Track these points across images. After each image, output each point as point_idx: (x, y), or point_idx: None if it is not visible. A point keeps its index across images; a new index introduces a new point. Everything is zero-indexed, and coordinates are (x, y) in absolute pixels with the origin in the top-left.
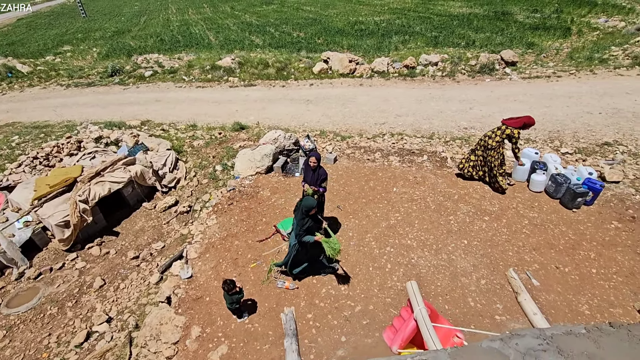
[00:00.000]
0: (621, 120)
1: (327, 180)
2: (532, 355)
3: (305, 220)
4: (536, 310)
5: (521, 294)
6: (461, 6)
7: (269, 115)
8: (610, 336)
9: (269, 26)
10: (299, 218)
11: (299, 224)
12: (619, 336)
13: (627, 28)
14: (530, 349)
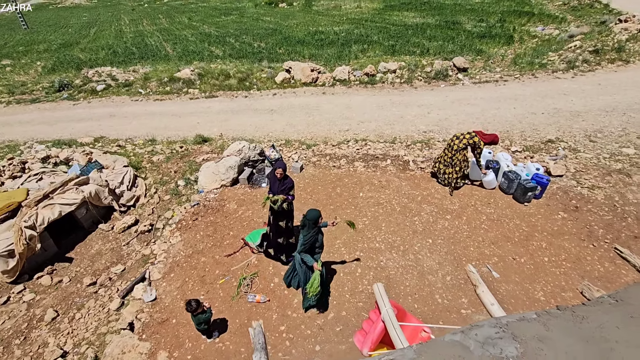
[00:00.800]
0: (561, 119)
1: (294, 188)
2: (490, 343)
3: (310, 232)
4: (493, 301)
5: (479, 287)
6: (415, 16)
7: (233, 127)
8: (557, 318)
9: (228, 37)
10: (309, 233)
11: (307, 238)
12: (565, 317)
13: (561, 35)
14: (488, 337)
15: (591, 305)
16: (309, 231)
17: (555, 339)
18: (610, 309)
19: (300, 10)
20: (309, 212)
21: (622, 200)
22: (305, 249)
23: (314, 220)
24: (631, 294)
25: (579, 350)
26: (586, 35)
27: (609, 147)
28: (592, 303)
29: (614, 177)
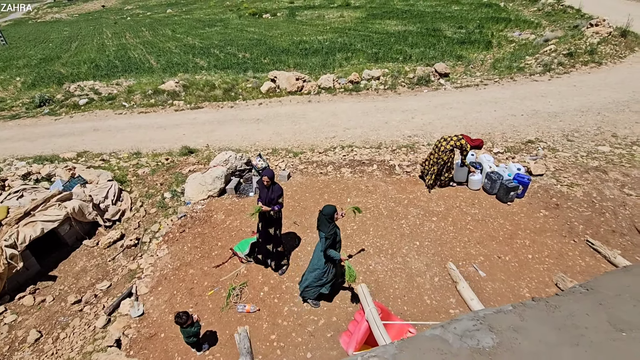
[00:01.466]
0: (539, 120)
1: (283, 195)
2: (467, 335)
3: (329, 227)
4: (472, 296)
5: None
6: (397, 24)
7: (219, 137)
8: (532, 309)
9: (213, 48)
10: (328, 229)
11: (328, 234)
12: (539, 308)
13: (537, 40)
14: (466, 330)
15: (564, 295)
16: (328, 227)
17: (530, 328)
18: (581, 297)
19: (284, 20)
20: (324, 208)
21: (599, 196)
22: (329, 246)
23: (330, 215)
24: (601, 282)
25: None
26: (560, 39)
27: (586, 145)
28: (564, 293)
29: (591, 174)
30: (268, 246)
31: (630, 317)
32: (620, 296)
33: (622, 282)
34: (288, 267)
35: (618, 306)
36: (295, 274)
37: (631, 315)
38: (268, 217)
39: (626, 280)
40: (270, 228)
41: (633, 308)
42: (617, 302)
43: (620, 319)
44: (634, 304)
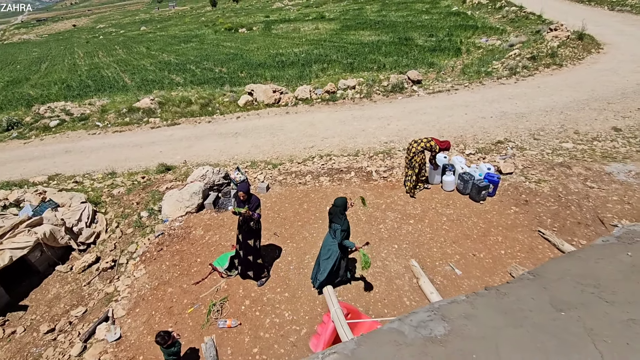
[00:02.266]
0: (508, 121)
1: (260, 206)
2: (422, 326)
3: (343, 218)
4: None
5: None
6: (370, 35)
7: (197, 153)
8: (484, 297)
9: (189, 64)
10: (342, 220)
11: (343, 225)
12: (489, 296)
13: (503, 45)
14: (421, 321)
15: (513, 282)
16: (341, 218)
17: (479, 315)
18: (528, 283)
19: (260, 34)
20: (336, 200)
21: (565, 190)
22: (345, 237)
23: (344, 206)
24: (546, 268)
25: (498, 321)
26: (524, 44)
27: (551, 143)
28: (514, 280)
29: (556, 170)
30: (249, 257)
31: (569, 298)
32: (562, 279)
33: (564, 266)
34: (268, 278)
35: (559, 288)
36: (276, 285)
37: (570, 295)
38: (247, 229)
39: (568, 264)
40: (250, 240)
41: (572, 289)
42: (559, 285)
43: (560, 300)
44: (574, 285)
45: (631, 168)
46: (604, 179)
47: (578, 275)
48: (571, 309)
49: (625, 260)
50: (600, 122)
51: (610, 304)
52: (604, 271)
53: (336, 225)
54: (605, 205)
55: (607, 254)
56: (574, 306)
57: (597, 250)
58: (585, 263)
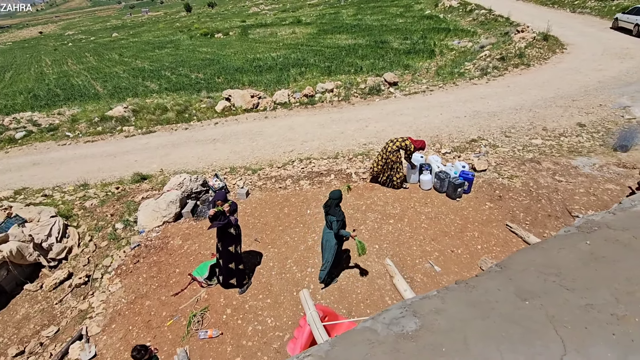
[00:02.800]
0: (480, 120)
1: (237, 210)
2: (394, 323)
3: (338, 210)
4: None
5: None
6: (347, 38)
7: (174, 160)
8: (453, 291)
9: (164, 70)
10: (338, 212)
11: (339, 216)
12: (459, 289)
13: (474, 47)
14: (393, 318)
15: (482, 275)
16: (337, 210)
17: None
18: (495, 275)
19: (236, 39)
20: (331, 193)
21: (535, 185)
22: (341, 226)
23: (339, 198)
24: (513, 260)
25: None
26: (494, 45)
27: (521, 140)
28: (483, 273)
29: (527, 165)
30: (230, 265)
31: (532, 287)
32: (526, 270)
33: (529, 257)
34: (250, 285)
35: (524, 278)
36: (258, 292)
37: (533, 285)
38: (228, 235)
39: (533, 255)
40: (231, 246)
41: (536, 279)
42: (524, 275)
43: (524, 290)
44: (537, 275)
45: (595, 161)
46: (571, 173)
47: (541, 265)
48: (534, 297)
49: (584, 248)
50: (566, 119)
51: (571, 291)
52: (565, 260)
53: (332, 217)
54: (573, 197)
55: (568, 244)
56: (537, 295)
57: (560, 240)
58: (548, 253)
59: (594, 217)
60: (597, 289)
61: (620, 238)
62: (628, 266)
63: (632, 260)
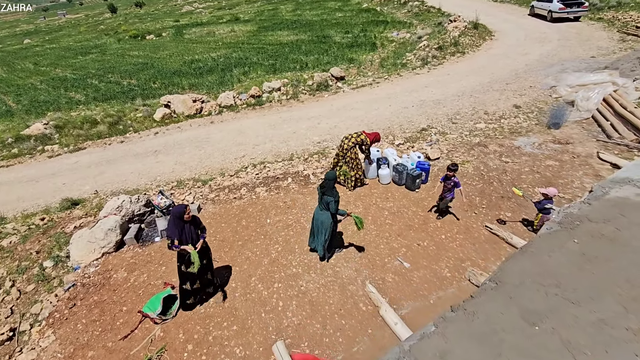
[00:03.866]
0: (428, 109)
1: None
2: None
3: (335, 191)
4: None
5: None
6: (288, 35)
7: (111, 179)
8: (453, 322)
9: (90, 78)
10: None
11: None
12: (459, 319)
13: (412, 38)
14: None
15: (478, 296)
16: (333, 191)
17: (454, 349)
18: (492, 295)
19: (171, 40)
20: (327, 174)
21: (485, 168)
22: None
23: (334, 178)
24: (505, 272)
25: (476, 354)
26: (430, 36)
27: (467, 125)
28: (478, 293)
29: (476, 150)
30: (208, 276)
31: (536, 306)
32: (523, 283)
33: (522, 266)
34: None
35: (524, 295)
36: (222, 319)
37: (537, 302)
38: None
39: (525, 263)
40: (205, 258)
41: (536, 293)
42: (522, 291)
43: (529, 310)
44: (537, 289)
45: (534, 140)
46: (515, 153)
47: (537, 275)
48: (543, 319)
49: (573, 248)
50: (503, 102)
51: (577, 305)
52: (559, 266)
53: (329, 197)
54: (520, 177)
55: (556, 245)
56: (544, 315)
57: (546, 241)
58: (540, 258)
59: (572, 210)
60: (601, 298)
61: (605, 232)
62: (622, 265)
63: (624, 257)
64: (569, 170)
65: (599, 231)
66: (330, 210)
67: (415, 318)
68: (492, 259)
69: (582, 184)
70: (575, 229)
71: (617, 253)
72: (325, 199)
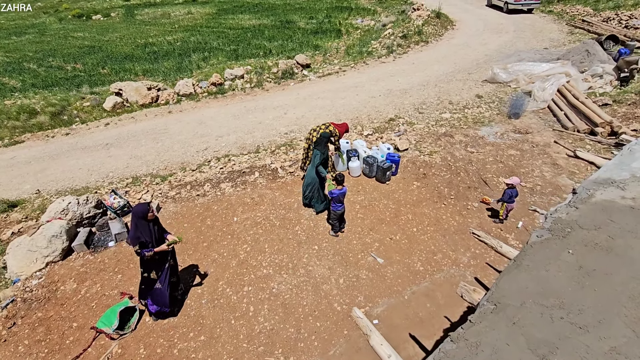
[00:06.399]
0: (394, 98)
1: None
2: None
3: (324, 148)
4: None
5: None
6: (250, 19)
7: (55, 177)
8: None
9: (27, 62)
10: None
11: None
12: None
13: (377, 25)
14: None
15: (477, 323)
16: (323, 147)
17: None
18: (494, 320)
19: (121, 21)
20: (322, 134)
21: (452, 158)
22: (321, 163)
23: (327, 137)
24: (502, 290)
25: None
26: (394, 24)
27: (433, 115)
28: (477, 318)
29: (442, 140)
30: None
31: (544, 334)
32: (525, 305)
33: (519, 283)
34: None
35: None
36: (188, 330)
37: (543, 329)
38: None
39: (522, 280)
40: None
41: (541, 318)
42: (525, 314)
43: (537, 340)
44: (541, 312)
45: (497, 129)
46: (480, 143)
47: (538, 295)
48: (553, 351)
49: (570, 260)
50: (466, 91)
51: (585, 331)
52: (559, 283)
53: (316, 151)
54: (485, 166)
55: (551, 257)
56: (554, 344)
57: (539, 252)
58: (537, 274)
59: (560, 215)
60: (609, 321)
61: (598, 241)
62: (623, 279)
63: (622, 270)
64: (529, 159)
65: (593, 240)
66: (314, 161)
67: (391, 317)
68: (462, 250)
69: (542, 173)
70: (568, 237)
71: (615, 265)
72: (314, 151)
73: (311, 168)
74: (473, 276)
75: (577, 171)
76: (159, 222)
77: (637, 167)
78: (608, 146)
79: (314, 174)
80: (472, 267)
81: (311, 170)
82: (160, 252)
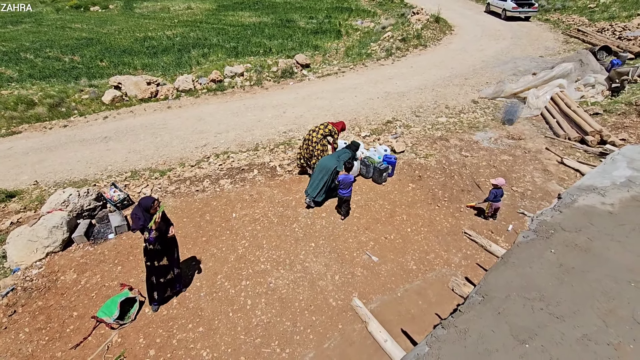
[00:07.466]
0: (392, 101)
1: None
2: None
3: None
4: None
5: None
6: (250, 16)
7: (53, 168)
8: (445, 342)
9: (24, 52)
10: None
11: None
12: (451, 337)
13: (376, 27)
14: None
15: (467, 312)
16: (352, 153)
17: None
18: (481, 310)
19: (120, 14)
20: (353, 143)
21: (447, 162)
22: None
23: (357, 147)
24: (490, 284)
25: None
26: (394, 26)
27: (429, 118)
28: (466, 308)
29: (438, 143)
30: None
31: (525, 322)
32: (509, 297)
33: (505, 278)
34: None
35: (512, 310)
36: (187, 321)
37: (525, 319)
38: (167, 242)
39: (508, 275)
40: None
41: (523, 309)
42: (510, 305)
43: (519, 327)
44: (523, 303)
45: (491, 135)
46: (474, 147)
47: (521, 289)
48: (532, 337)
49: (552, 259)
50: (463, 96)
51: (561, 320)
52: (541, 278)
53: (349, 152)
54: (478, 170)
55: (534, 255)
56: (533, 332)
57: (524, 251)
58: (522, 271)
59: (545, 217)
60: (583, 312)
61: (578, 242)
62: (597, 276)
63: (598, 268)
64: (521, 165)
65: (573, 241)
66: (340, 159)
67: (384, 313)
68: (454, 251)
69: (533, 179)
70: (551, 238)
71: (592, 264)
72: (344, 150)
73: (330, 158)
74: (464, 276)
75: (566, 177)
76: (166, 216)
77: (618, 176)
78: (594, 155)
79: (332, 163)
80: (463, 267)
81: (330, 160)
82: (165, 241)
